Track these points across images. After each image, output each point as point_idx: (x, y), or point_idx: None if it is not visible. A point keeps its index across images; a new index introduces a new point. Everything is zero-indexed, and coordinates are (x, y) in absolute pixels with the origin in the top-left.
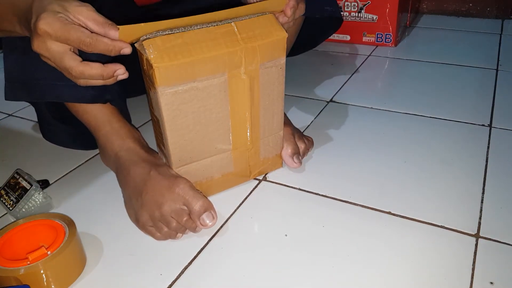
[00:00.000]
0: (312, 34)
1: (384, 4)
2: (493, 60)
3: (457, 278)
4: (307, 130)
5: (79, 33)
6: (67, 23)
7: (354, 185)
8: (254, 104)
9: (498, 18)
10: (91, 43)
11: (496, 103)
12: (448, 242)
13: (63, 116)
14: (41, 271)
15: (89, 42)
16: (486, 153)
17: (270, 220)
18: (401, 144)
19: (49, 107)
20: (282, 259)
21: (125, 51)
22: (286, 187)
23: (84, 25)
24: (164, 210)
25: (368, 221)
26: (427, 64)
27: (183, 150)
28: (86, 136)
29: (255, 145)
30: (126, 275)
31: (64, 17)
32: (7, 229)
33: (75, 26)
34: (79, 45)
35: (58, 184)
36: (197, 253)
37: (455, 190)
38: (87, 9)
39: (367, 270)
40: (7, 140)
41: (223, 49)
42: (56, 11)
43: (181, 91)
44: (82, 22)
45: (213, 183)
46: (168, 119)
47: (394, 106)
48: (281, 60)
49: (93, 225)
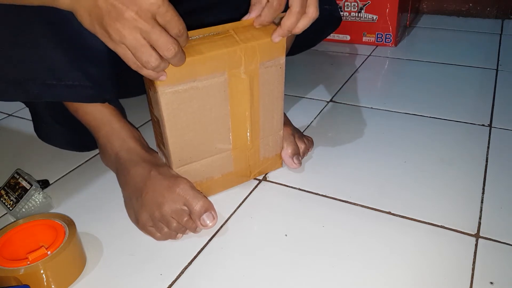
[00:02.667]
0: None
1: (384, 4)
2: (493, 60)
3: (457, 278)
4: (307, 130)
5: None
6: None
7: (354, 185)
8: (254, 104)
9: (498, 18)
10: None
11: (496, 103)
12: (448, 242)
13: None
14: (41, 271)
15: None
16: (486, 153)
17: (270, 220)
18: (401, 144)
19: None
20: (282, 259)
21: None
22: (286, 187)
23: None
24: (164, 210)
25: (368, 221)
26: (427, 64)
27: (183, 150)
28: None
29: (255, 144)
30: (126, 275)
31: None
32: (7, 229)
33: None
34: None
35: (58, 184)
36: (197, 253)
37: (455, 190)
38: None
39: (367, 270)
40: (7, 140)
41: (223, 49)
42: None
43: (181, 91)
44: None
45: (213, 183)
46: (168, 119)
47: (394, 106)
48: (281, 60)
49: (93, 225)
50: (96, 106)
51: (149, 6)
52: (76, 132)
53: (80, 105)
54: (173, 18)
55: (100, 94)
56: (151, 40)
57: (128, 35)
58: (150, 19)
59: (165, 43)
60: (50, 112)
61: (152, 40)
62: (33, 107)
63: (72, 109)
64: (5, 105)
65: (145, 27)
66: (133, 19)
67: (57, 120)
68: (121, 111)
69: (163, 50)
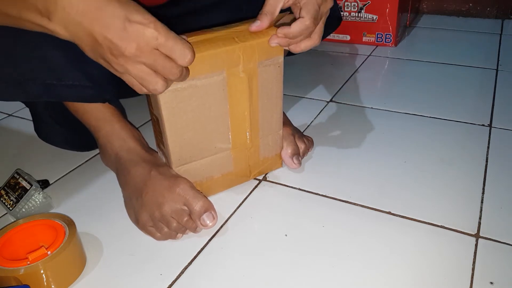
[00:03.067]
0: None
1: (384, 4)
2: (493, 60)
3: (457, 278)
4: (307, 130)
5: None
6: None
7: (354, 185)
8: (253, 103)
9: (498, 18)
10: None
11: (496, 103)
12: (448, 242)
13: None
14: (41, 271)
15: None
16: (486, 153)
17: (270, 220)
18: (401, 144)
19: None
20: (282, 259)
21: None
22: (286, 187)
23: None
24: (164, 210)
25: (368, 221)
26: (427, 64)
27: (182, 149)
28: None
29: (255, 144)
30: (126, 275)
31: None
32: (7, 229)
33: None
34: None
35: (58, 184)
36: (197, 253)
37: (455, 190)
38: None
39: (367, 270)
40: (7, 140)
41: (221, 47)
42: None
43: (180, 89)
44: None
45: (213, 183)
46: (168, 118)
47: (394, 106)
48: (279, 59)
49: (93, 225)
50: (96, 106)
51: (148, 40)
52: (76, 132)
53: (80, 105)
54: (175, 45)
55: (100, 94)
56: (156, 69)
57: (132, 69)
58: (151, 52)
59: (169, 68)
60: (50, 112)
61: (157, 69)
62: (33, 107)
63: (72, 109)
64: (5, 105)
65: (148, 60)
66: (135, 55)
67: (57, 120)
68: (121, 111)
69: (168, 75)
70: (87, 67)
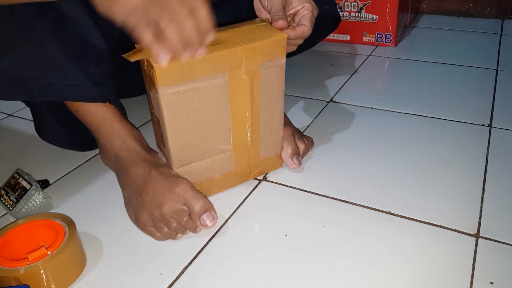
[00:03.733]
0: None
1: (384, 4)
2: (493, 60)
3: (457, 278)
4: (307, 130)
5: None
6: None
7: (354, 185)
8: (254, 104)
9: (498, 18)
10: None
11: (496, 103)
12: (448, 242)
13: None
14: (41, 271)
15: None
16: (486, 153)
17: (270, 220)
18: (401, 144)
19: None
20: (282, 259)
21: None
22: (286, 187)
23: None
24: (164, 210)
25: (368, 221)
26: (427, 64)
27: (183, 150)
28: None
29: (255, 145)
30: (126, 275)
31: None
32: (7, 229)
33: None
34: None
35: (58, 184)
36: (197, 253)
37: (455, 190)
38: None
39: (367, 270)
40: (7, 140)
41: (224, 49)
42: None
43: (182, 91)
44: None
45: (213, 183)
46: (169, 119)
47: (394, 106)
48: (281, 60)
49: (93, 225)
50: (97, 105)
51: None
52: (76, 132)
53: (80, 105)
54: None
55: (101, 94)
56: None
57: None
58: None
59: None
60: (51, 112)
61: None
62: (33, 106)
63: (72, 108)
64: (5, 105)
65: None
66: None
67: (58, 119)
68: (122, 111)
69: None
70: (88, 66)
